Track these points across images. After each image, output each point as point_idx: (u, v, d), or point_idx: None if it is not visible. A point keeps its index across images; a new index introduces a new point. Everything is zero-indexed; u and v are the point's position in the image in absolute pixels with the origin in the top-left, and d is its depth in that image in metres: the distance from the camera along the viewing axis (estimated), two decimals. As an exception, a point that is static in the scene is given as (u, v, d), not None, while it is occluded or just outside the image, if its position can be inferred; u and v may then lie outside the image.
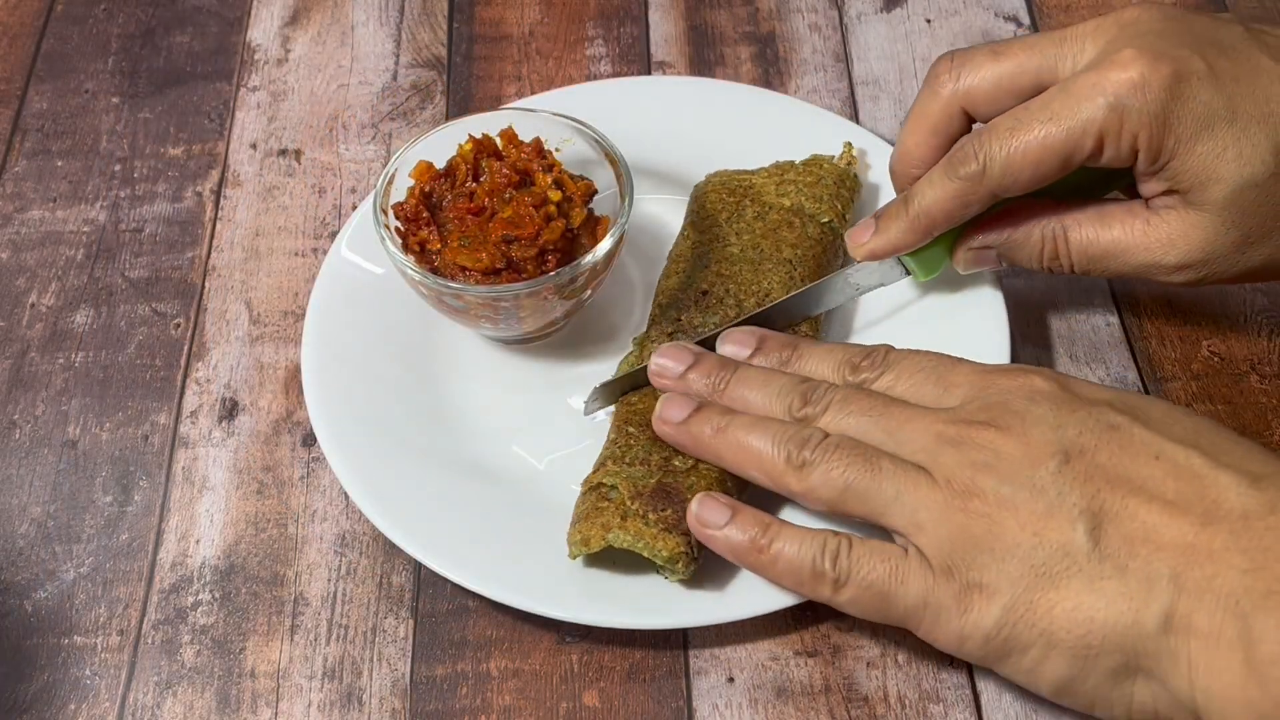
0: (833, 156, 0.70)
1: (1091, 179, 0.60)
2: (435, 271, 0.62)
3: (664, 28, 0.83)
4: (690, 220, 0.69)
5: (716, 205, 0.69)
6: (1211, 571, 0.45)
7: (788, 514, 0.59)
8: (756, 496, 0.59)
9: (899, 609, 0.51)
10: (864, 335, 0.67)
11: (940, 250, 0.64)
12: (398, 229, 0.64)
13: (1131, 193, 0.60)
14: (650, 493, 0.57)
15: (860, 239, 0.63)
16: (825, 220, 0.68)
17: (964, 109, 0.60)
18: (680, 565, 0.56)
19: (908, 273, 0.65)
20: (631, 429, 0.60)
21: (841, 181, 0.69)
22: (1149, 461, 0.48)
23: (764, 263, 0.66)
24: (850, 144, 0.71)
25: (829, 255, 0.67)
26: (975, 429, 0.51)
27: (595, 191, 0.65)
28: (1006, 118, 0.57)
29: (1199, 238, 0.57)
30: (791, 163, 0.70)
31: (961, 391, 0.54)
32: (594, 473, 0.59)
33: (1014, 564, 0.48)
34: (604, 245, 0.62)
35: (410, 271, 0.62)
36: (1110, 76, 0.55)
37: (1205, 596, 0.45)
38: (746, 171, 0.70)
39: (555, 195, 0.63)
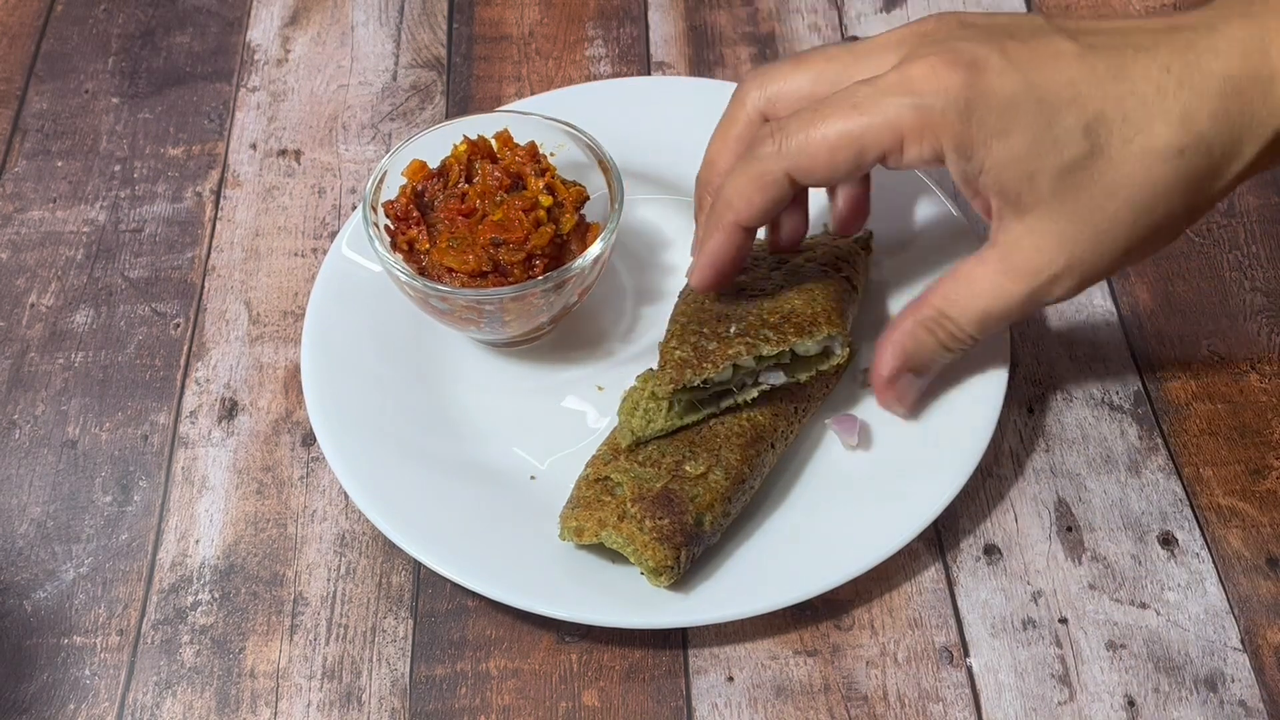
0: None
1: None
2: (423, 272, 0.62)
3: (664, 28, 0.83)
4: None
5: None
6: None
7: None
8: (766, 493, 0.59)
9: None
10: (863, 334, 0.66)
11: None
12: (387, 227, 0.64)
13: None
14: (653, 498, 0.57)
15: (689, 273, 0.62)
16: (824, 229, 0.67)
17: (765, 116, 0.59)
18: (663, 577, 0.56)
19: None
20: None
21: None
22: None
23: (780, 292, 0.63)
24: None
25: (842, 262, 0.65)
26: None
27: (587, 198, 0.64)
28: (808, 106, 0.56)
29: (1050, 243, 0.55)
30: None
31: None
32: (604, 463, 0.59)
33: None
34: (591, 252, 0.62)
35: (396, 270, 0.62)
36: (911, 76, 0.54)
37: None
38: None
39: (546, 200, 0.63)
